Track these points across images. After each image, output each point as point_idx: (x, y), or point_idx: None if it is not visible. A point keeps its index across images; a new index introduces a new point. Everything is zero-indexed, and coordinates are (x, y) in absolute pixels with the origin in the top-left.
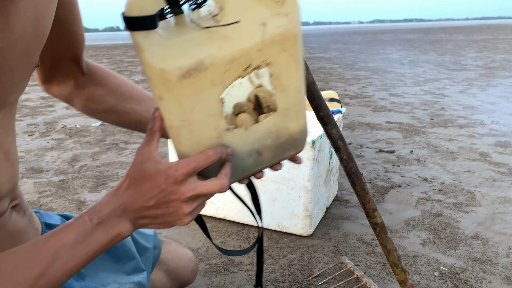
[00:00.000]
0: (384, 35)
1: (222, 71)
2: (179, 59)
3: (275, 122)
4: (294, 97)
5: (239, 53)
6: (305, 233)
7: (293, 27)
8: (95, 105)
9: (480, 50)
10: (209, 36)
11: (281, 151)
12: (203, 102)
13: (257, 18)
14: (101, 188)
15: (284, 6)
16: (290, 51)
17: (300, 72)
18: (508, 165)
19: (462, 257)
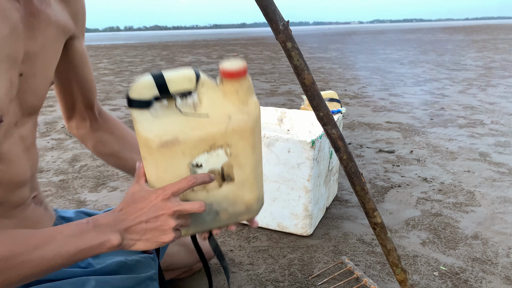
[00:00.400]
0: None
1: (192, 146)
2: (160, 134)
3: (232, 190)
4: (249, 173)
5: (207, 135)
6: (305, 233)
7: (251, 123)
8: (102, 148)
9: (480, 50)
10: (186, 120)
11: (236, 214)
12: (175, 166)
13: (226, 111)
14: (101, 188)
15: (247, 106)
16: (247, 139)
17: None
18: (507, 165)
19: (462, 257)
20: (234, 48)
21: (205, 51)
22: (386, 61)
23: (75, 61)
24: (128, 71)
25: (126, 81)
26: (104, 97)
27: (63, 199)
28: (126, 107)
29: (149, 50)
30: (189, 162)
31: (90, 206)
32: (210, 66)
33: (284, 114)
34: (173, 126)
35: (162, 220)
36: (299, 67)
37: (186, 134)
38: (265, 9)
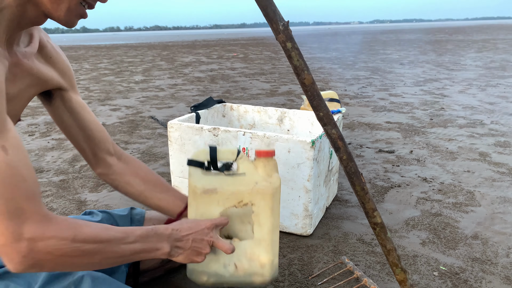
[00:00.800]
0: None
1: (225, 198)
2: (204, 184)
3: (251, 246)
4: (266, 233)
5: (238, 191)
6: (305, 233)
7: (271, 190)
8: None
9: (480, 50)
10: (225, 178)
11: (251, 273)
12: (210, 212)
13: (254, 178)
14: (102, 188)
15: (270, 178)
16: (267, 201)
17: (272, 218)
18: (507, 165)
19: (461, 257)
20: (234, 48)
21: (205, 51)
22: (386, 61)
23: (75, 110)
24: (128, 71)
25: (126, 81)
26: (104, 97)
27: (64, 199)
28: (126, 107)
29: (149, 50)
30: (221, 211)
31: (90, 206)
32: (210, 66)
33: (284, 114)
34: (215, 181)
35: (203, 244)
36: (299, 67)
37: (223, 188)
38: (265, 9)
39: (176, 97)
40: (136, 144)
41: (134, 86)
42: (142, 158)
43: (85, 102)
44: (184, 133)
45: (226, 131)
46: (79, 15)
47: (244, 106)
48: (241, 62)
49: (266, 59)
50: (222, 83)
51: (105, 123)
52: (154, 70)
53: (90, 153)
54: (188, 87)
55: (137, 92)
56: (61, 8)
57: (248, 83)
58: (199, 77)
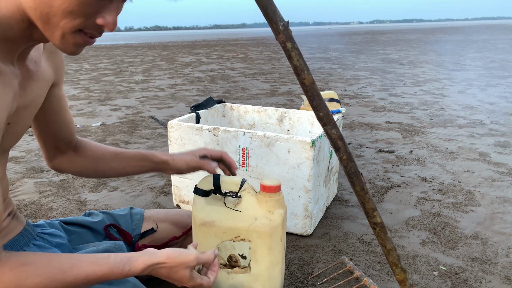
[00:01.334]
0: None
1: (222, 231)
2: (204, 215)
3: (248, 280)
4: (263, 270)
5: (235, 227)
6: (305, 233)
7: (269, 229)
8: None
9: (480, 50)
10: (226, 211)
11: None
12: (207, 243)
13: (254, 213)
14: (102, 188)
15: (271, 214)
16: (264, 240)
17: (270, 256)
18: (507, 165)
19: (461, 256)
20: (234, 48)
21: (205, 51)
22: (386, 61)
23: (54, 105)
24: (128, 71)
25: (126, 81)
26: (104, 97)
27: (64, 199)
28: (126, 107)
29: (149, 50)
30: (218, 243)
31: (90, 206)
32: (210, 66)
33: (284, 114)
34: (215, 213)
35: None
36: (299, 67)
37: (221, 222)
38: (265, 10)
39: (176, 97)
40: (136, 144)
41: (134, 86)
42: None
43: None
44: (184, 133)
45: (226, 131)
46: (78, 44)
47: (244, 106)
48: (241, 62)
49: (266, 59)
50: (222, 83)
51: (105, 123)
52: (154, 70)
53: (51, 146)
54: (188, 87)
55: (137, 92)
56: (56, 36)
57: (248, 83)
58: (199, 77)
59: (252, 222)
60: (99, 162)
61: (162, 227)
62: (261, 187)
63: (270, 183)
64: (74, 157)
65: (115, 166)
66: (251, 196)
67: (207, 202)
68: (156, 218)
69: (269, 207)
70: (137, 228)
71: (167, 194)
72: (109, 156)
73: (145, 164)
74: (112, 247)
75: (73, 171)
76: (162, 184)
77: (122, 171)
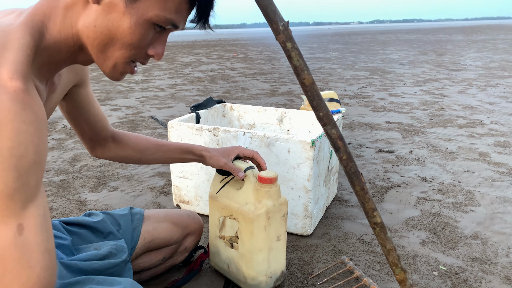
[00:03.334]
0: (384, 35)
1: (221, 207)
2: (213, 190)
3: (236, 255)
4: (246, 251)
5: (229, 206)
6: (305, 233)
7: (252, 215)
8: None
9: (480, 50)
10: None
11: (238, 279)
12: (214, 214)
13: (247, 199)
14: (102, 188)
15: (259, 203)
16: (247, 225)
17: (252, 241)
18: (507, 165)
19: (461, 256)
20: (234, 48)
21: (205, 51)
22: (386, 61)
23: (83, 103)
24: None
25: (126, 81)
26: (104, 97)
27: (64, 199)
28: (126, 107)
29: None
30: (219, 216)
31: (90, 206)
32: (210, 66)
33: (284, 114)
34: (221, 190)
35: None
36: (299, 67)
37: (221, 198)
38: (265, 10)
39: (176, 97)
40: None
41: (134, 86)
42: None
43: None
44: (184, 133)
45: (226, 131)
46: (125, 72)
47: (244, 106)
48: (241, 62)
49: (266, 59)
50: (222, 83)
51: None
52: (154, 70)
53: (88, 139)
54: (188, 87)
55: (137, 92)
56: (107, 65)
57: (248, 83)
58: (199, 77)
59: (242, 205)
60: (143, 153)
61: (162, 227)
62: (258, 177)
63: (264, 175)
64: (116, 148)
65: (157, 157)
66: (250, 183)
67: (221, 180)
68: (156, 218)
69: (259, 196)
70: (137, 228)
71: (167, 194)
72: (152, 148)
73: (188, 156)
74: (114, 248)
75: (117, 160)
76: (162, 184)
77: (164, 161)
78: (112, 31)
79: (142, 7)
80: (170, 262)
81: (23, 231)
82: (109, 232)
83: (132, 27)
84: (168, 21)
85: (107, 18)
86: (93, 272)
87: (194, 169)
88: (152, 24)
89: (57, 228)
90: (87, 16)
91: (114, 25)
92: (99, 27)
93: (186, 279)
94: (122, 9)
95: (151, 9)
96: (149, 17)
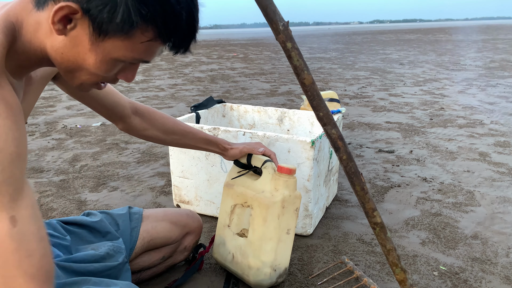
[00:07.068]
0: (384, 35)
1: (236, 195)
2: (228, 179)
3: (244, 244)
4: (256, 239)
5: (244, 193)
6: (305, 233)
7: (268, 202)
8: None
9: (480, 50)
10: (245, 179)
11: (242, 269)
12: (226, 202)
13: (264, 187)
14: (102, 188)
15: (275, 192)
16: (261, 211)
17: (264, 228)
18: (507, 165)
19: (461, 256)
20: (234, 48)
21: (205, 51)
22: (386, 61)
23: None
24: None
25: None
26: None
27: (64, 199)
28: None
29: None
30: (232, 204)
31: (90, 206)
32: (210, 66)
33: (284, 114)
34: (237, 179)
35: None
36: (299, 67)
37: (237, 186)
38: (265, 9)
39: (176, 97)
40: (137, 144)
41: (134, 86)
42: (142, 158)
43: None
44: None
45: (226, 131)
46: (92, 88)
47: (244, 106)
48: (241, 62)
49: (266, 59)
50: (222, 83)
51: (105, 123)
52: (154, 70)
53: (107, 116)
54: (188, 87)
55: (137, 92)
56: (74, 82)
57: (248, 83)
58: (199, 77)
59: (259, 193)
60: (168, 135)
61: (161, 226)
62: (277, 167)
63: (284, 165)
64: (140, 125)
65: (182, 142)
66: (268, 174)
67: (238, 171)
68: (155, 217)
69: (276, 185)
70: (136, 228)
71: (167, 194)
72: (179, 133)
73: (212, 148)
74: (111, 249)
75: (141, 137)
76: (162, 184)
77: (187, 147)
78: (78, 62)
79: (108, 47)
80: (170, 261)
81: (16, 223)
82: (108, 232)
83: (97, 63)
84: (137, 60)
85: (73, 49)
86: (88, 275)
87: (194, 169)
88: (119, 60)
89: (56, 228)
90: (55, 41)
91: (80, 57)
92: (66, 55)
93: (185, 277)
94: (88, 46)
95: (118, 50)
96: (115, 56)
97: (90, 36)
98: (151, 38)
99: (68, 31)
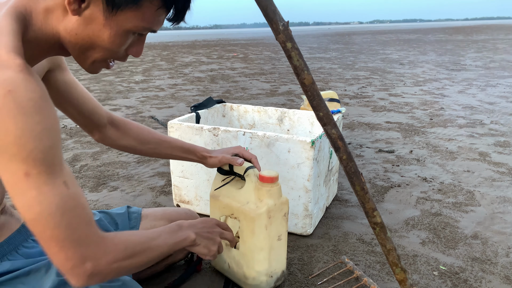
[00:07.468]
0: (384, 35)
1: (222, 206)
2: (213, 189)
3: (238, 255)
4: (248, 250)
5: (230, 205)
6: (305, 233)
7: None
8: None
9: (480, 50)
10: (230, 189)
11: (238, 278)
12: (215, 214)
13: (248, 198)
14: (102, 187)
15: (260, 202)
16: (248, 223)
17: (254, 240)
18: (507, 165)
19: (461, 256)
20: (234, 48)
21: (205, 51)
22: (386, 61)
23: (61, 88)
24: (128, 71)
25: (126, 81)
26: (104, 97)
27: None
28: (126, 107)
29: (149, 50)
30: (220, 216)
31: (90, 205)
32: (210, 66)
33: (284, 114)
34: (223, 189)
35: (213, 234)
36: (299, 67)
37: (223, 197)
38: (265, 9)
39: (176, 97)
40: None
41: (134, 86)
42: (142, 158)
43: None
44: (184, 133)
45: (226, 131)
46: (102, 67)
47: (244, 106)
48: (241, 62)
49: (266, 59)
50: (222, 83)
51: None
52: (154, 70)
53: (83, 124)
54: (188, 87)
55: (137, 92)
56: (86, 63)
57: (248, 83)
58: (199, 77)
59: (244, 204)
60: (144, 145)
61: (160, 225)
62: (259, 176)
63: (265, 174)
64: (115, 135)
65: (158, 152)
66: (251, 182)
67: (222, 179)
68: (154, 217)
69: (260, 196)
70: (135, 227)
71: (167, 194)
72: (153, 142)
73: (189, 156)
74: None
75: (117, 148)
76: (162, 184)
77: (164, 157)
78: (93, 39)
79: (121, 19)
80: (169, 260)
81: (69, 186)
82: (107, 231)
83: (111, 37)
84: (147, 30)
85: (87, 27)
86: None
87: (194, 169)
88: (131, 32)
89: None
90: (68, 23)
91: (94, 34)
92: (80, 35)
93: (185, 277)
94: (102, 21)
95: (130, 21)
96: (128, 28)
97: (103, 12)
98: (159, 6)
99: (82, 11)
